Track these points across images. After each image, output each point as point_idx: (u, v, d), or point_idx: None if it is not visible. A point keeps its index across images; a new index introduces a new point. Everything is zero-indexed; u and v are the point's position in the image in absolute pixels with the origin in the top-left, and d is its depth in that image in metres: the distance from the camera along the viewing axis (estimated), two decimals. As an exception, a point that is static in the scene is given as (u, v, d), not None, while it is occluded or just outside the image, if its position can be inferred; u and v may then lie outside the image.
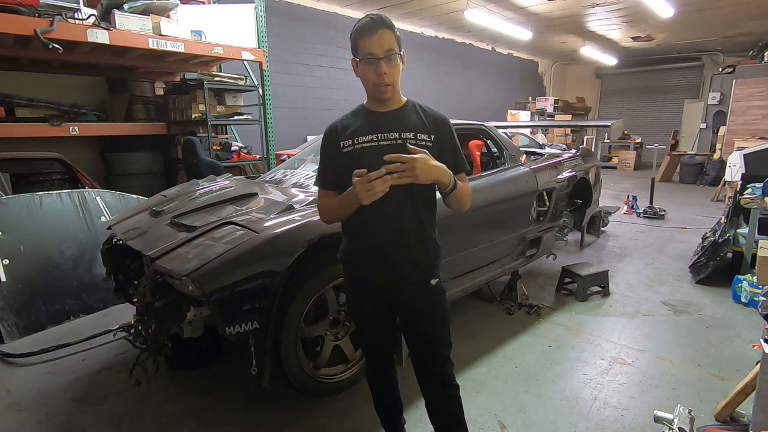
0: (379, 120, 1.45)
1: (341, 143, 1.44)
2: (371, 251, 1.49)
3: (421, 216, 1.47)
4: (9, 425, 2.10)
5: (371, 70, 1.37)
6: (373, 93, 1.43)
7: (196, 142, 4.04)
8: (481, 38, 10.22)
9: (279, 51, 6.68)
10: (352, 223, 1.50)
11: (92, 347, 2.77)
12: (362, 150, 1.41)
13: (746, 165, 5.95)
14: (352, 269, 1.61)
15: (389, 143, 1.40)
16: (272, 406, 2.19)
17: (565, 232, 4.00)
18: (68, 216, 3.32)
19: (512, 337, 2.86)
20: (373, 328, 1.65)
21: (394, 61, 1.37)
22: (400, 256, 1.47)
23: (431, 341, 1.55)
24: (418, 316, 1.55)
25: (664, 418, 1.60)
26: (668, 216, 6.22)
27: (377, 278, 1.52)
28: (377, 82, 1.38)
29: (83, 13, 3.44)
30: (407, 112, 1.47)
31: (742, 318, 3.13)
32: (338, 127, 1.48)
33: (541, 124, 10.16)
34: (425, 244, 1.50)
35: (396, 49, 1.37)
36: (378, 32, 1.34)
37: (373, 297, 1.57)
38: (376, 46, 1.34)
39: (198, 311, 1.94)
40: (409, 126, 1.43)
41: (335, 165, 1.47)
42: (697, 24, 8.98)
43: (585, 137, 10.68)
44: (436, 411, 1.63)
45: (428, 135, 1.43)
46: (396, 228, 1.44)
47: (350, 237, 1.56)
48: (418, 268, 1.50)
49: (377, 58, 1.35)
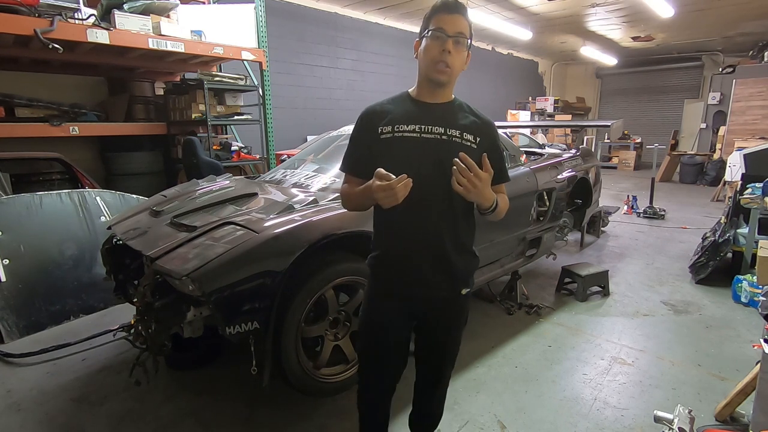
0: (425, 111, 1.34)
1: (380, 128, 1.33)
2: (401, 259, 1.37)
3: (459, 224, 1.37)
4: (9, 425, 2.09)
5: (436, 45, 1.26)
6: (428, 72, 1.31)
7: (196, 142, 4.04)
8: (481, 38, 10.22)
9: (279, 51, 6.68)
10: (382, 225, 1.41)
11: (92, 347, 2.77)
12: (402, 139, 1.31)
13: (746, 165, 5.95)
14: (376, 278, 1.47)
15: (433, 137, 1.30)
16: (272, 406, 2.19)
17: (565, 232, 4.00)
18: (68, 216, 3.31)
19: (512, 337, 2.86)
20: (387, 348, 1.48)
21: (462, 46, 1.29)
22: (432, 267, 1.35)
23: (444, 352, 1.52)
24: (439, 325, 1.48)
25: (664, 418, 1.60)
26: (668, 216, 6.22)
27: (404, 290, 1.40)
28: (438, 59, 1.27)
29: (83, 13, 3.43)
30: (455, 108, 1.38)
31: (742, 318, 3.13)
32: (377, 111, 1.37)
33: (541, 124, 10.16)
34: (461, 255, 1.39)
35: (468, 36, 1.30)
36: (456, 14, 1.27)
37: (396, 312, 1.43)
38: (449, 24, 1.26)
39: (198, 311, 1.94)
40: (456, 123, 1.33)
41: (368, 151, 1.36)
42: (697, 24, 8.98)
43: (585, 137, 10.66)
44: (423, 412, 1.63)
45: (474, 137, 1.33)
46: (431, 235, 1.33)
47: (378, 240, 1.44)
48: (450, 280, 1.39)
49: (447, 35, 1.25)
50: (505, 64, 12.07)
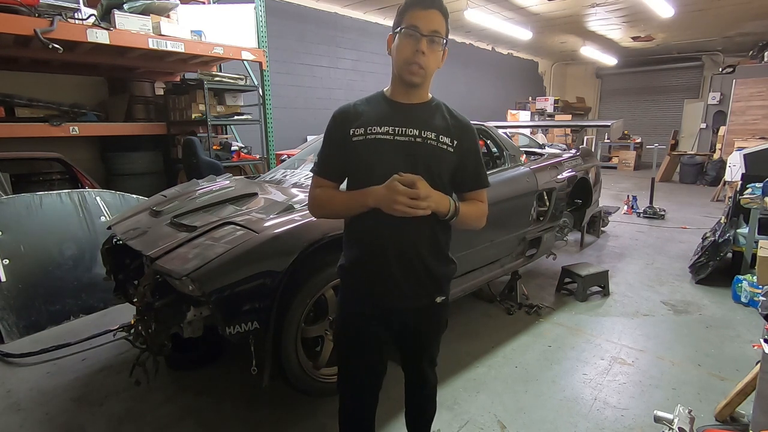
0: (399, 112, 1.28)
1: (351, 130, 1.26)
2: (375, 266, 1.30)
3: (434, 229, 1.30)
4: (9, 425, 2.09)
5: (409, 44, 1.20)
6: (401, 72, 1.25)
7: (196, 142, 4.04)
8: (481, 38, 10.22)
9: (279, 51, 6.68)
10: (354, 233, 1.35)
11: (92, 347, 2.77)
12: (375, 141, 1.24)
13: (746, 165, 5.95)
14: (348, 287, 1.40)
15: (407, 139, 1.24)
16: (272, 406, 2.19)
17: (565, 232, 4.00)
18: (68, 216, 3.31)
19: (512, 337, 2.86)
20: (366, 359, 1.42)
21: (437, 45, 1.21)
22: (405, 276, 1.29)
23: (422, 352, 1.50)
24: (415, 335, 1.44)
25: (664, 418, 1.60)
26: (668, 216, 6.22)
27: (378, 298, 1.34)
28: (410, 60, 1.20)
29: (83, 13, 3.44)
30: (431, 109, 1.31)
31: (742, 318, 3.13)
32: (350, 111, 1.30)
33: (541, 124, 10.17)
34: (437, 262, 1.34)
35: (443, 34, 1.22)
36: (431, 10, 1.20)
37: (370, 320, 1.37)
38: (423, 21, 1.19)
39: (198, 311, 1.94)
40: (431, 125, 1.26)
41: (340, 153, 1.29)
42: (697, 24, 8.99)
43: (585, 137, 10.67)
44: (414, 410, 1.63)
45: (451, 139, 1.26)
46: (406, 241, 1.27)
47: (349, 249, 1.37)
48: (424, 289, 1.34)
49: (420, 34, 1.18)
50: (505, 64, 12.07)
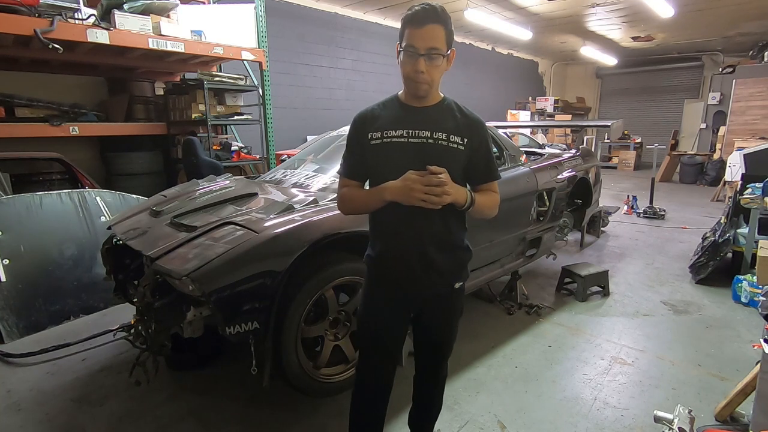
0: (412, 115, 1.36)
1: (369, 134, 1.36)
2: (394, 259, 1.42)
3: (448, 222, 1.39)
4: (9, 425, 2.09)
5: (409, 63, 1.27)
6: (406, 86, 1.36)
7: (196, 142, 4.04)
8: (481, 38, 10.22)
9: (279, 51, 6.68)
10: (376, 226, 1.46)
11: (92, 347, 2.77)
12: (390, 145, 1.34)
13: (746, 165, 5.95)
14: (372, 276, 1.51)
15: (420, 141, 1.32)
16: (272, 406, 2.19)
17: (565, 232, 4.00)
18: (68, 216, 3.32)
19: (512, 337, 2.86)
20: (386, 343, 1.52)
21: (436, 61, 1.27)
22: (424, 266, 1.39)
23: (441, 343, 1.56)
24: (435, 319, 1.51)
25: (664, 418, 1.61)
26: (668, 216, 6.22)
27: (399, 286, 1.45)
28: (412, 78, 1.29)
29: (83, 13, 3.43)
30: (443, 110, 1.38)
31: (742, 318, 3.13)
32: (368, 116, 1.40)
33: (541, 124, 10.16)
34: (453, 252, 1.43)
35: (441, 47, 1.26)
36: (426, 26, 1.24)
37: (392, 307, 1.48)
38: (419, 39, 1.24)
39: (198, 311, 1.94)
40: (442, 126, 1.34)
41: (361, 155, 1.40)
42: (697, 24, 8.99)
43: (585, 137, 10.66)
44: (423, 406, 1.65)
45: (461, 138, 1.35)
46: (422, 235, 1.37)
47: (374, 241, 1.49)
48: (442, 277, 1.43)
49: (418, 54, 1.25)
50: (505, 64, 12.07)
